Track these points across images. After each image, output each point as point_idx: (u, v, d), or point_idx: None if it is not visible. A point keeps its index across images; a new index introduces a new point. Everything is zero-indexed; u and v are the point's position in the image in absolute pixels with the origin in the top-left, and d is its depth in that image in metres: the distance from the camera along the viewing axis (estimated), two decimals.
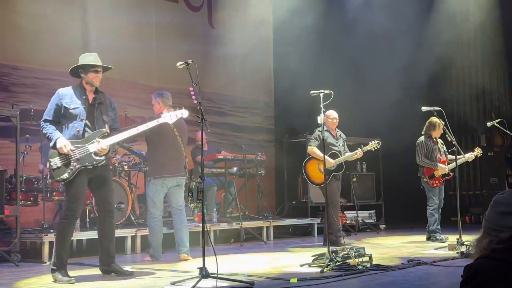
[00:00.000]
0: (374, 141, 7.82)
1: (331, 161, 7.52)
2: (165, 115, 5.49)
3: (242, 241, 8.27)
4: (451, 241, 7.33)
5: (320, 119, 6.57)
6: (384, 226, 10.84)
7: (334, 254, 5.48)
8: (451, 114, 10.48)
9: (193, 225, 7.98)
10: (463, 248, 6.32)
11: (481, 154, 8.59)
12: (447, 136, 7.52)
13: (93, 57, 5.42)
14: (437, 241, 7.93)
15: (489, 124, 8.43)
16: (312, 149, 7.76)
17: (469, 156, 8.23)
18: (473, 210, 11.95)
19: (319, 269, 5.31)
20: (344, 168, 7.80)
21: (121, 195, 7.78)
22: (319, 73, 10.35)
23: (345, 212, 10.09)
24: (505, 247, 1.71)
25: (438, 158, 8.15)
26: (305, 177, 7.95)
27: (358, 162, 10.85)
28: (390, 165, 11.13)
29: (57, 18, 8.90)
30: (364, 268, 5.33)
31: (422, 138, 8.23)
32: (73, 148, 5.16)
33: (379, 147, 7.92)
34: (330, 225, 7.52)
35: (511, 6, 11.54)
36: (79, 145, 5.19)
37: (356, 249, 5.64)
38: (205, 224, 4.91)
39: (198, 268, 4.75)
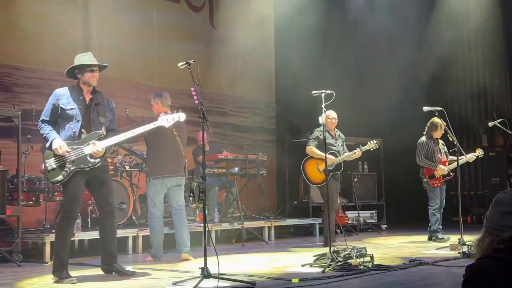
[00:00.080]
0: (373, 141, 7.82)
1: (331, 157, 7.50)
2: (162, 118, 5.47)
3: (244, 241, 8.27)
4: (452, 241, 7.34)
5: (322, 119, 6.58)
6: (386, 226, 10.83)
7: (335, 254, 5.48)
8: (452, 114, 10.46)
9: (195, 225, 7.98)
10: (464, 248, 6.32)
11: (483, 155, 8.58)
12: (448, 136, 7.51)
13: (88, 56, 5.38)
14: (438, 240, 7.93)
15: (490, 124, 8.43)
16: (311, 149, 7.77)
17: (470, 156, 8.23)
18: (474, 210, 11.95)
19: (320, 269, 5.31)
20: (342, 168, 7.79)
21: (123, 195, 7.78)
22: (321, 73, 10.35)
23: (346, 212, 10.08)
24: (506, 247, 1.70)
25: (439, 159, 8.15)
26: (304, 176, 7.96)
27: (360, 162, 10.85)
28: (392, 165, 11.13)
29: (59, 19, 8.91)
30: (366, 268, 5.33)
31: (424, 139, 8.23)
32: (69, 149, 5.13)
33: (377, 147, 7.91)
34: (326, 225, 7.67)
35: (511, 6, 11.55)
36: (74, 146, 5.16)
37: (357, 249, 5.65)
38: (206, 224, 4.91)
39: (199, 268, 4.75)
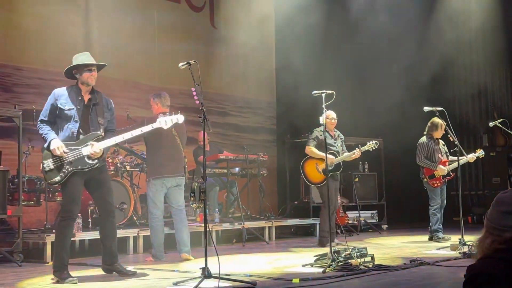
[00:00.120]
0: (372, 141, 7.82)
1: (331, 157, 7.49)
2: (160, 120, 5.46)
3: (244, 241, 8.27)
4: (453, 241, 7.34)
5: (322, 119, 6.58)
6: (386, 226, 10.82)
7: (336, 254, 5.48)
8: (453, 114, 10.43)
9: (195, 225, 7.99)
10: (465, 248, 6.32)
11: (483, 156, 8.56)
12: (449, 136, 7.51)
13: (85, 56, 5.35)
14: (439, 240, 7.94)
15: (491, 124, 8.44)
16: (310, 148, 7.77)
17: (471, 157, 8.23)
18: (475, 210, 11.94)
19: (321, 269, 5.31)
20: (341, 168, 7.80)
21: (123, 196, 7.78)
22: (322, 73, 10.35)
23: (347, 212, 10.08)
24: (508, 247, 1.70)
25: (439, 159, 8.15)
26: (303, 176, 7.97)
27: (360, 162, 10.85)
28: (392, 165, 11.12)
29: (60, 19, 8.92)
30: (366, 268, 5.33)
31: (424, 139, 8.23)
32: (67, 150, 5.11)
33: (376, 147, 7.91)
34: (321, 225, 7.91)
35: None
36: (72, 147, 5.14)
37: (358, 249, 5.64)
38: (207, 224, 4.91)
39: (200, 268, 4.75)
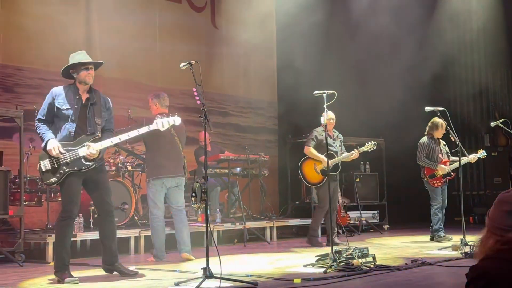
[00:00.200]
0: (371, 142, 7.82)
1: (324, 159, 7.44)
2: (157, 121, 5.45)
3: (246, 241, 8.27)
4: (454, 241, 7.33)
5: (324, 119, 6.57)
6: (388, 226, 10.82)
7: (337, 255, 5.48)
8: (454, 114, 10.44)
9: (197, 225, 7.99)
10: (466, 249, 6.31)
11: (485, 156, 8.53)
12: (450, 137, 7.50)
13: (82, 55, 5.32)
14: (440, 239, 7.93)
15: (492, 124, 8.42)
16: (309, 149, 7.77)
17: (472, 157, 8.21)
18: (477, 210, 11.93)
19: (322, 270, 5.31)
20: (340, 168, 7.80)
21: (125, 196, 7.78)
22: (323, 73, 10.34)
23: (348, 212, 10.08)
24: (511, 247, 1.69)
25: (440, 159, 8.14)
26: (301, 177, 7.97)
27: (362, 163, 10.84)
28: (394, 165, 11.11)
29: (61, 19, 8.92)
30: (368, 268, 5.33)
31: (425, 139, 8.23)
32: (63, 151, 5.09)
33: (375, 147, 7.90)
34: (312, 224, 8.09)
35: None
36: (69, 148, 5.13)
37: (359, 249, 5.64)
38: (208, 225, 4.91)
39: (201, 269, 4.75)
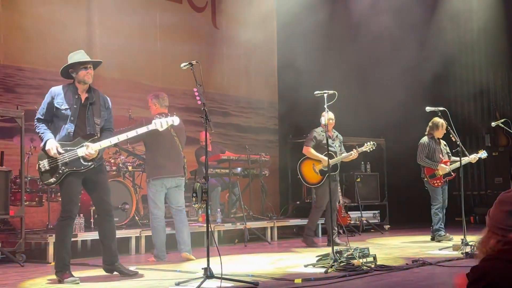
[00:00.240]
0: (369, 142, 7.83)
1: (325, 159, 7.43)
2: (155, 121, 5.45)
3: (246, 241, 8.27)
4: (455, 241, 7.32)
5: (324, 120, 6.57)
6: (388, 226, 10.82)
7: (338, 255, 5.48)
8: (455, 114, 10.45)
9: (198, 225, 7.99)
10: (467, 249, 6.31)
11: (486, 157, 8.52)
12: (451, 137, 7.50)
13: (80, 54, 5.31)
14: (441, 238, 7.93)
15: (493, 124, 8.42)
16: (308, 149, 7.77)
17: (473, 157, 8.21)
18: (477, 210, 11.92)
19: (323, 270, 5.31)
20: (339, 168, 7.80)
21: (125, 196, 7.79)
22: (324, 73, 10.34)
23: (349, 213, 10.07)
24: None
25: (440, 159, 8.14)
26: (300, 177, 7.97)
27: (362, 163, 10.84)
28: (395, 165, 11.11)
29: (62, 19, 8.93)
30: (369, 268, 5.33)
31: (425, 139, 8.23)
32: (62, 151, 5.08)
33: (374, 147, 7.90)
34: (308, 224, 8.09)
35: None
36: (68, 148, 5.11)
37: (360, 249, 5.64)
38: (209, 225, 4.91)
39: (202, 269, 4.75)
